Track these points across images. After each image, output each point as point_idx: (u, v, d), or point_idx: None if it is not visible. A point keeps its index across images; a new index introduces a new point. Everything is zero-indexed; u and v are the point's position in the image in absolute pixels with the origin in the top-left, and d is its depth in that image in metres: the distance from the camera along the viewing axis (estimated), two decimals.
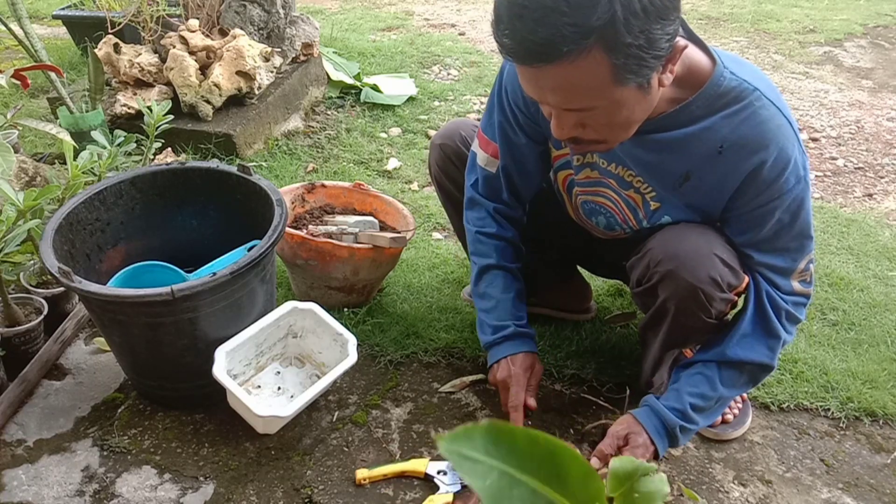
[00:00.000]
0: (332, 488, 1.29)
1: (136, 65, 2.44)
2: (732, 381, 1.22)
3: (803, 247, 1.16)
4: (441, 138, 1.52)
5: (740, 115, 1.07)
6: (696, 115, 1.08)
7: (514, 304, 1.39)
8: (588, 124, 1.02)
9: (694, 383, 1.22)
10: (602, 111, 0.99)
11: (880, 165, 2.62)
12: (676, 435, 1.22)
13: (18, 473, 1.31)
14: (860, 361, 1.61)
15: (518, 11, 0.89)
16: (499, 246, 1.41)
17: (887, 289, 1.87)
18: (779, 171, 1.08)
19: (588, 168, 1.28)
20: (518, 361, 1.35)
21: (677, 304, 1.18)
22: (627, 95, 0.97)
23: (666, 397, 1.24)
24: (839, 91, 3.25)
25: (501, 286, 1.40)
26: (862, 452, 1.41)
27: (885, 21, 4.25)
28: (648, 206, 1.24)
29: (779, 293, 1.18)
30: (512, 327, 1.37)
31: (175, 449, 1.37)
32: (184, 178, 1.56)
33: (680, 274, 1.15)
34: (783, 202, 1.11)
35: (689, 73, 1.06)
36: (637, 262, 1.25)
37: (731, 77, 1.07)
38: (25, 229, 1.41)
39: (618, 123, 1.02)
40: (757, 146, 1.07)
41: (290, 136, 2.62)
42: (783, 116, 1.08)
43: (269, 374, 1.50)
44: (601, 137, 1.06)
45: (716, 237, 1.17)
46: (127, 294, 1.22)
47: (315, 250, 1.58)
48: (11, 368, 1.47)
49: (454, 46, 3.64)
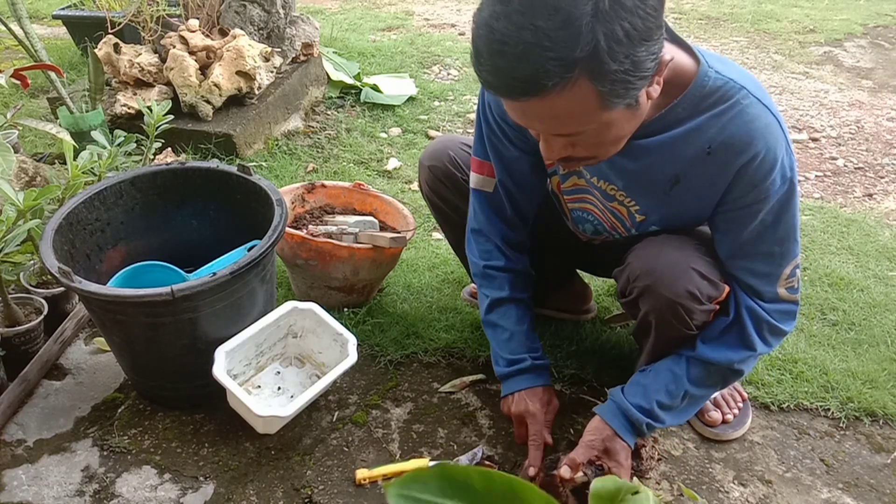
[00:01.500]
0: (332, 488, 1.29)
1: (136, 65, 2.44)
2: (700, 380, 1.21)
3: (788, 251, 1.13)
4: (429, 159, 1.48)
5: (728, 114, 1.04)
6: (682, 116, 1.06)
7: (529, 336, 1.37)
8: (578, 144, 1.01)
9: (661, 380, 1.21)
10: (591, 133, 0.98)
11: (880, 165, 2.62)
12: (643, 431, 1.21)
13: (18, 473, 1.31)
14: (860, 361, 1.61)
15: (498, 48, 0.86)
16: (509, 278, 1.38)
17: (887, 289, 1.87)
18: (766, 171, 1.06)
19: (574, 176, 1.27)
20: (536, 397, 1.32)
21: (657, 318, 1.18)
22: (616, 116, 0.95)
23: (633, 392, 1.23)
24: (839, 91, 3.25)
25: (515, 318, 1.37)
26: (862, 452, 1.41)
27: (885, 21, 4.25)
28: (634, 218, 1.23)
29: (761, 303, 1.16)
30: (528, 361, 1.35)
31: (175, 449, 1.37)
32: (184, 178, 1.56)
33: (657, 290, 1.15)
34: (767, 203, 1.08)
35: (674, 75, 1.03)
36: (619, 272, 1.25)
37: (717, 76, 1.04)
38: (25, 229, 1.41)
39: (608, 141, 1.01)
40: (744, 145, 1.04)
41: (290, 136, 2.62)
42: (771, 115, 1.06)
43: (269, 374, 1.50)
44: (591, 154, 1.04)
45: (693, 250, 1.16)
46: (127, 294, 1.22)
47: (315, 250, 1.58)
48: (11, 368, 1.47)
49: (454, 46, 3.64)
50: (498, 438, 1.40)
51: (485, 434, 1.42)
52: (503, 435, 1.41)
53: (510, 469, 1.34)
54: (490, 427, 1.43)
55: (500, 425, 1.44)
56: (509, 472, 1.31)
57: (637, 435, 1.22)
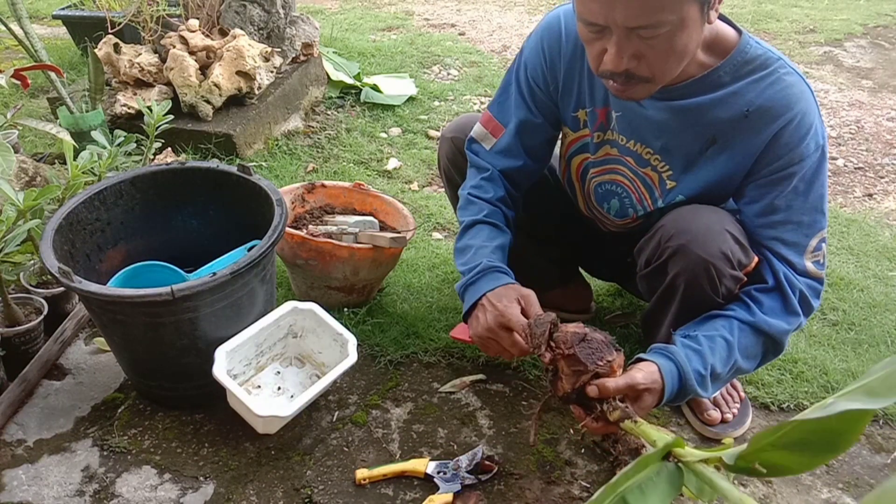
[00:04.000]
0: (332, 488, 1.29)
1: (136, 65, 2.44)
2: (748, 350, 1.17)
3: (815, 221, 1.17)
4: (452, 131, 1.52)
5: (766, 80, 1.12)
6: (724, 80, 1.13)
7: (494, 251, 1.30)
8: (645, 55, 1.03)
9: (717, 348, 1.15)
10: (666, 35, 1.00)
11: (880, 165, 2.62)
12: (686, 397, 1.16)
13: (18, 473, 1.31)
14: (860, 361, 1.61)
15: None
16: (489, 207, 1.37)
17: (887, 289, 1.87)
18: (801, 135, 1.11)
19: (608, 145, 1.29)
20: (503, 294, 1.22)
21: (687, 280, 1.17)
22: (692, 15, 1.00)
23: (691, 357, 1.15)
24: (839, 91, 3.25)
25: (485, 236, 1.33)
26: (862, 452, 1.41)
27: (885, 21, 4.25)
28: (665, 185, 1.25)
29: (794, 273, 1.17)
30: (483, 262, 1.28)
31: (175, 449, 1.37)
32: (184, 178, 1.56)
33: (692, 248, 1.15)
34: (801, 168, 1.13)
35: (717, 39, 1.12)
36: (647, 242, 1.25)
37: (757, 45, 1.13)
38: (25, 229, 1.41)
39: (676, 52, 1.04)
40: (782, 109, 1.11)
41: (290, 136, 2.62)
42: (805, 84, 1.13)
43: (269, 374, 1.50)
44: (653, 73, 1.06)
45: (727, 215, 1.19)
46: (127, 294, 1.22)
47: (315, 250, 1.58)
48: (11, 368, 1.47)
49: (454, 46, 3.64)
50: (498, 438, 1.40)
51: (485, 434, 1.42)
52: (503, 435, 1.41)
53: (510, 469, 1.34)
54: (490, 427, 1.43)
55: (500, 425, 1.44)
56: (508, 472, 1.31)
57: (676, 401, 1.17)
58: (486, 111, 1.41)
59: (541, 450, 1.38)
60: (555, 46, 1.28)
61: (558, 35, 1.27)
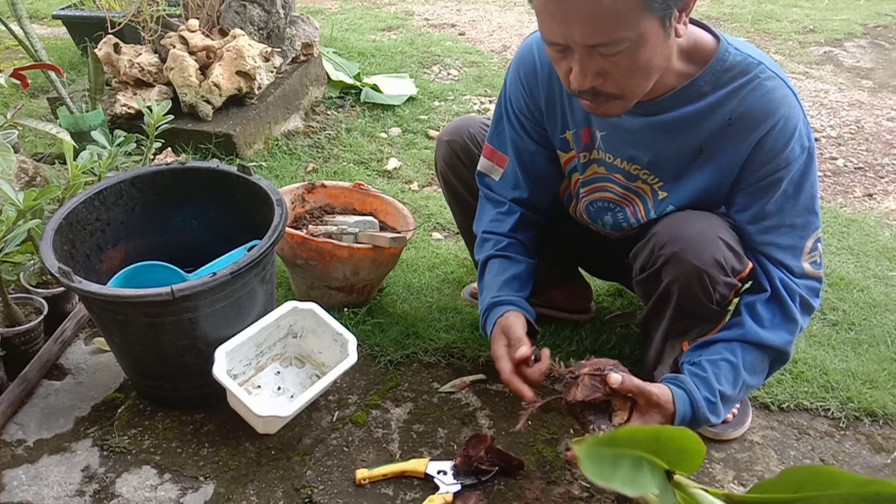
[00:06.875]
0: (332, 488, 1.29)
1: (136, 65, 2.44)
2: (753, 367, 1.17)
3: (809, 223, 1.16)
4: (449, 134, 1.52)
5: (747, 87, 1.10)
6: (704, 90, 1.12)
7: (502, 287, 1.33)
8: (609, 72, 1.02)
9: (722, 371, 1.16)
10: (627, 51, 0.99)
11: (880, 165, 2.62)
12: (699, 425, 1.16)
13: (18, 473, 1.31)
14: (860, 361, 1.61)
15: None
16: (497, 240, 1.39)
17: (887, 289, 1.87)
18: (785, 140, 1.10)
19: (595, 164, 1.29)
20: (495, 337, 1.27)
21: (681, 288, 1.17)
22: (652, 30, 0.98)
23: (699, 385, 1.15)
24: (839, 91, 3.25)
25: (494, 271, 1.37)
26: (862, 452, 1.41)
27: (885, 21, 4.25)
28: (657, 196, 1.25)
29: (791, 277, 1.17)
30: (487, 301, 1.32)
31: (175, 449, 1.37)
32: (184, 178, 1.56)
33: (685, 256, 1.15)
34: (788, 172, 1.12)
35: (696, 48, 1.11)
36: (641, 248, 1.25)
37: (736, 52, 1.11)
38: (25, 229, 1.41)
39: (639, 68, 1.02)
40: (763, 116, 1.10)
41: (290, 136, 2.62)
42: (787, 88, 1.11)
43: (269, 374, 1.50)
44: (620, 90, 1.05)
45: (720, 222, 1.18)
46: (127, 294, 1.22)
47: (315, 250, 1.58)
48: (11, 368, 1.47)
49: (454, 46, 3.64)
50: (498, 438, 1.40)
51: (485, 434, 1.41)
52: (503, 435, 1.41)
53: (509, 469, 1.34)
54: (490, 427, 1.43)
55: (500, 425, 1.44)
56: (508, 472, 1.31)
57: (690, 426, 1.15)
58: (486, 144, 1.41)
59: (541, 450, 1.38)
60: (531, 75, 1.28)
61: (532, 64, 1.28)
